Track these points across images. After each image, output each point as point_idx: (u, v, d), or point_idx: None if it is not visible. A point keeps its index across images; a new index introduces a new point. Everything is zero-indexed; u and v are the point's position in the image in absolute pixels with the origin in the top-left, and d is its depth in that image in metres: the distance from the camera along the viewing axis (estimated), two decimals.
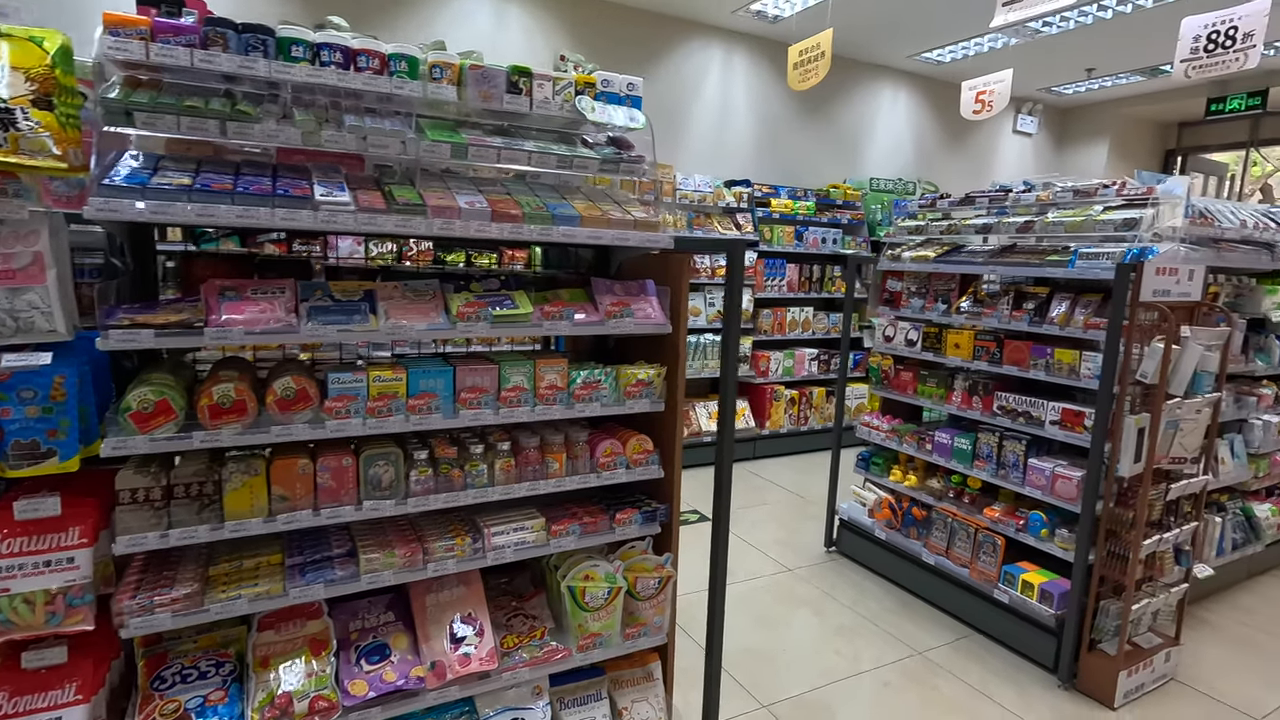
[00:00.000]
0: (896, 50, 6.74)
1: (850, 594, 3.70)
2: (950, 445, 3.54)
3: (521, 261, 4.54)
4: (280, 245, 4.21)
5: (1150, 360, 2.70)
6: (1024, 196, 3.51)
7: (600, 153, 2.03)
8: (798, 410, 6.25)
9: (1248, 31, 4.43)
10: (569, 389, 1.96)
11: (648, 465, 2.11)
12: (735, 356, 2.03)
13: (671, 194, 5.60)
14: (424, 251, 4.75)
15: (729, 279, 1.98)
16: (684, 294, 2.09)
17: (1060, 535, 3.06)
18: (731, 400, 2.08)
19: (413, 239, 4.79)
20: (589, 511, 2.11)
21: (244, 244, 4.22)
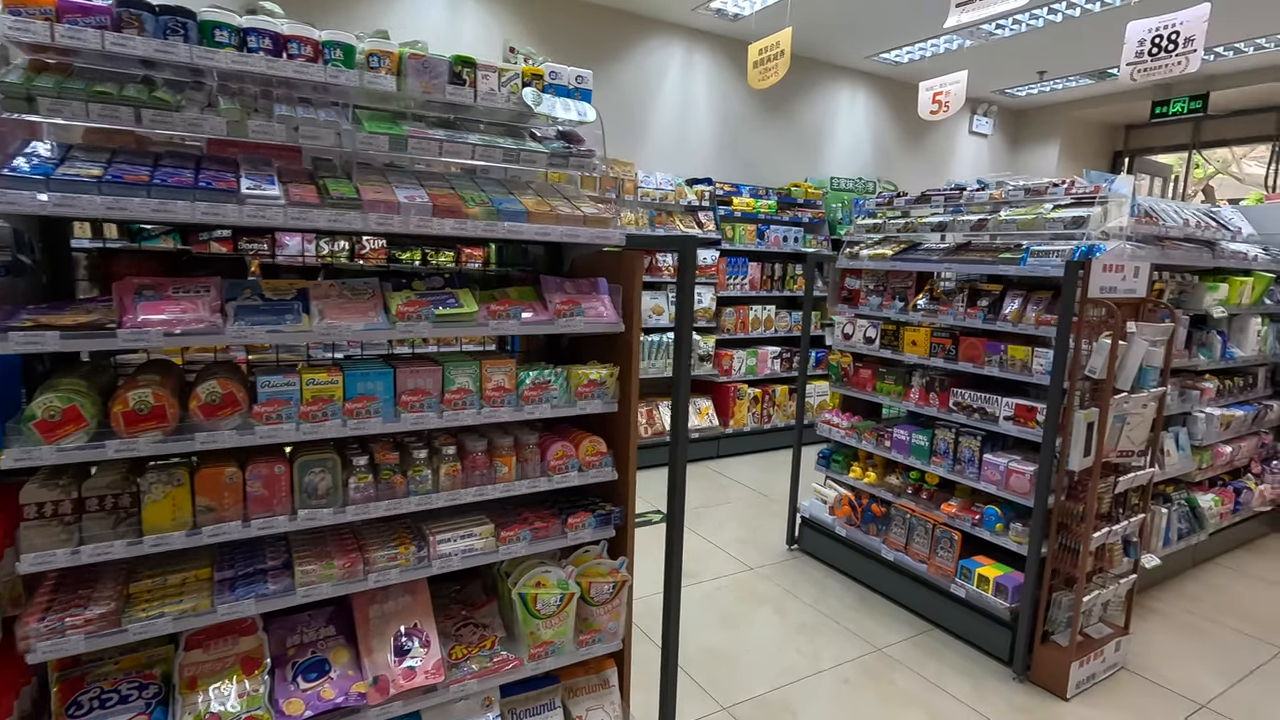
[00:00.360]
0: (855, 50, 6.80)
1: (812, 592, 3.71)
2: (908, 442, 3.57)
3: (479, 260, 4.45)
4: (226, 243, 4.06)
5: (1098, 356, 2.74)
6: (978, 195, 3.55)
7: (549, 146, 1.98)
8: (761, 408, 6.26)
9: (1189, 36, 4.56)
10: (518, 390, 1.89)
11: (601, 467, 2.06)
12: (688, 355, 1.99)
13: (633, 191, 5.56)
14: (377, 249, 4.62)
15: (681, 276, 1.94)
16: (637, 292, 2.05)
17: (1015, 529, 3.10)
18: (684, 401, 2.04)
19: (366, 236, 4.67)
20: (540, 516, 2.05)
21: (185, 241, 4.05)
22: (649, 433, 5.68)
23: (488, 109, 1.95)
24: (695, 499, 5.05)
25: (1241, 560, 4.34)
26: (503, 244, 2.92)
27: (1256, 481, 4.52)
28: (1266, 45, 6.07)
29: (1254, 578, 4.10)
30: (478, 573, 2.23)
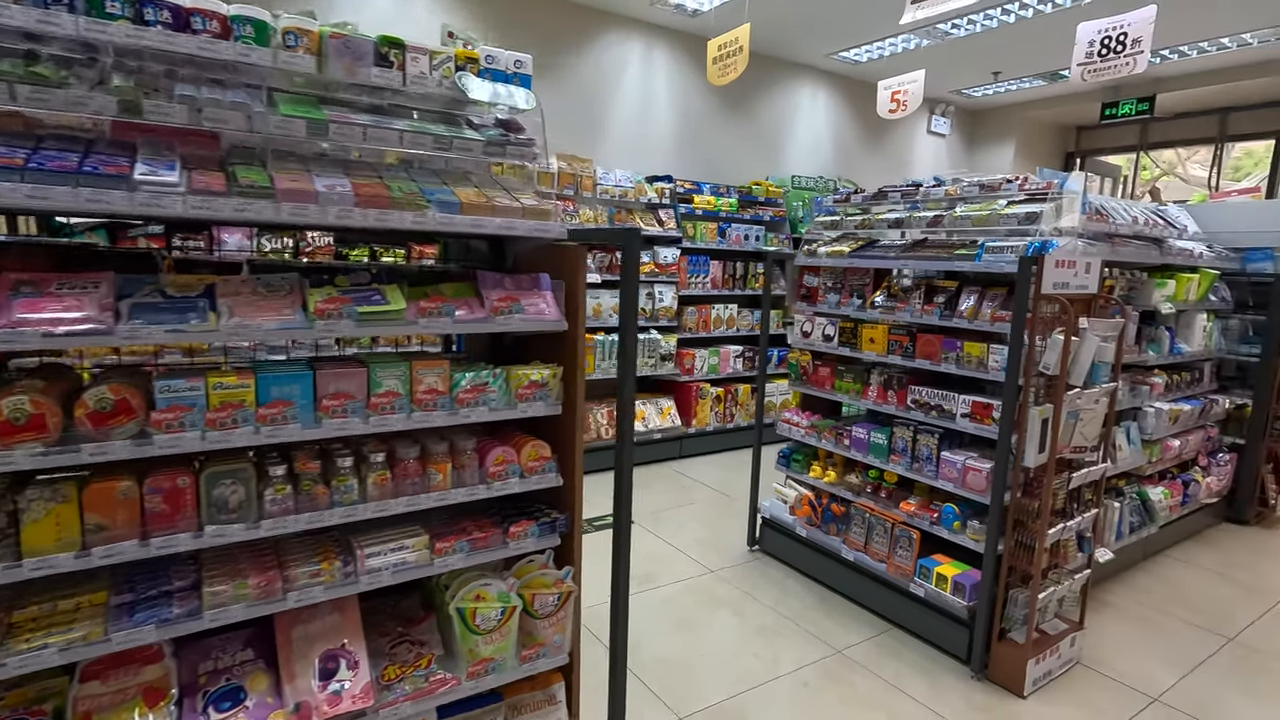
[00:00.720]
0: (815, 49, 6.80)
1: (772, 593, 3.65)
2: (867, 440, 3.54)
3: (432, 257, 4.28)
4: (157, 240, 3.83)
5: (1052, 352, 2.73)
6: (934, 191, 3.54)
7: (485, 134, 1.87)
8: (723, 408, 6.21)
9: (1136, 37, 4.64)
10: (452, 393, 1.78)
11: (544, 473, 1.96)
12: (633, 355, 1.90)
13: (591, 188, 5.45)
14: (323, 247, 4.43)
15: (625, 271, 1.85)
16: (581, 288, 1.95)
17: (972, 527, 3.08)
18: (629, 402, 1.95)
19: (313, 233, 4.48)
20: (480, 525, 1.94)
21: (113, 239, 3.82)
22: (610, 434, 5.58)
23: (420, 94, 1.84)
24: (657, 501, 4.98)
25: (1190, 551, 4.43)
26: (450, 240, 2.80)
27: (1203, 474, 4.62)
28: (1209, 49, 6.24)
29: (1202, 568, 4.18)
30: (416, 586, 2.11)
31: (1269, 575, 4.13)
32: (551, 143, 5.84)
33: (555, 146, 5.73)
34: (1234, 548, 4.54)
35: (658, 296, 5.85)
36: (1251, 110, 7.70)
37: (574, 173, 5.37)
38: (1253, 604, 3.75)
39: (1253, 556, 4.41)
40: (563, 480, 2.01)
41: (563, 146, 5.77)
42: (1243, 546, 4.57)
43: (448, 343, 2.50)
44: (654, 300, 5.84)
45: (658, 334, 5.82)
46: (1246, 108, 7.72)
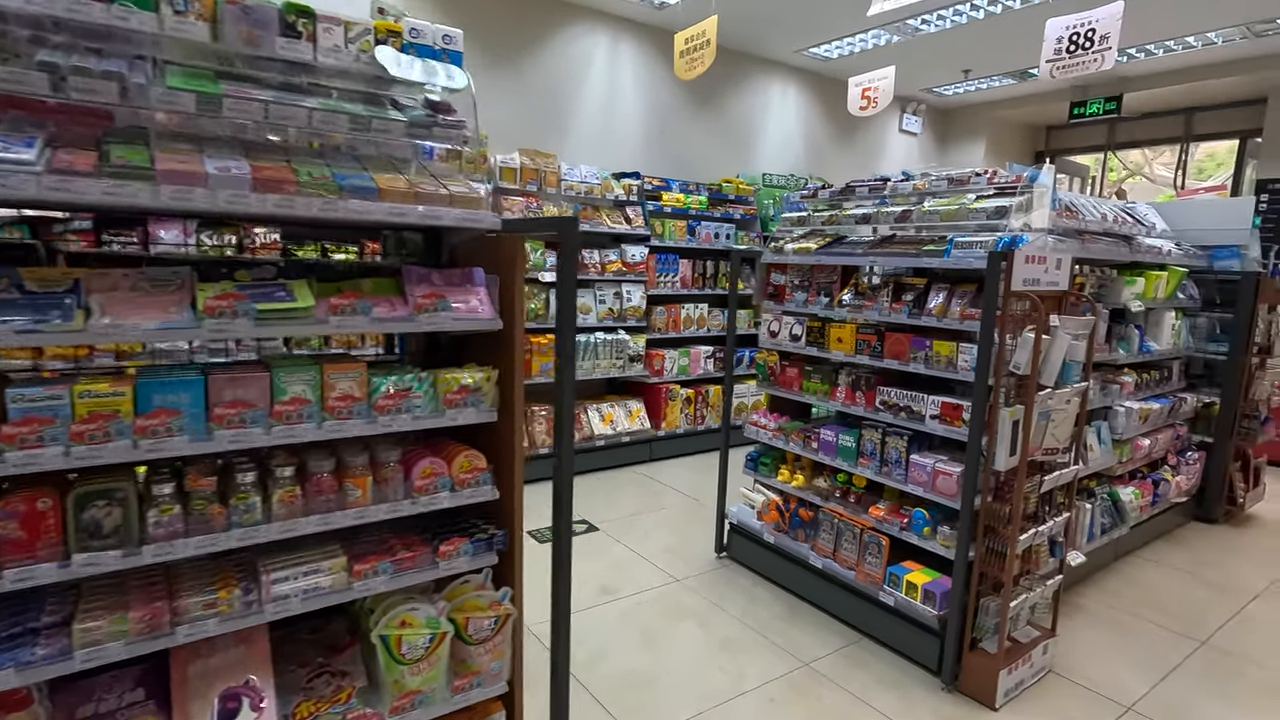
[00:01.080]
0: (784, 45, 6.71)
1: (739, 603, 3.52)
2: (835, 443, 3.42)
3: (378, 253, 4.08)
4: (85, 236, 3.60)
5: (1022, 351, 2.63)
6: (901, 185, 3.43)
7: (409, 115, 1.70)
8: (694, 409, 6.08)
9: (1104, 34, 4.59)
10: (370, 400, 1.61)
11: (479, 486, 1.80)
12: (571, 357, 1.74)
13: (556, 184, 5.28)
14: (269, 244, 4.21)
15: (561, 265, 1.69)
16: (517, 283, 1.79)
17: (942, 533, 2.97)
18: (568, 408, 1.79)
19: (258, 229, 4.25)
20: (407, 543, 1.77)
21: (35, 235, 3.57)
22: (577, 438, 5.41)
23: (338, 70, 1.66)
24: (625, 506, 4.82)
25: (1161, 551, 4.39)
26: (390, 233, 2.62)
27: (1173, 473, 4.59)
28: (1175, 48, 6.25)
29: (1172, 569, 4.13)
30: (343, 609, 1.93)
31: (1238, 574, 4.09)
32: (515, 137, 5.68)
33: (518, 141, 5.55)
34: (1203, 546, 4.51)
35: (625, 296, 5.70)
36: (1216, 110, 7.77)
37: (537, 168, 5.20)
38: (1223, 605, 3.70)
39: (1222, 555, 4.38)
40: (500, 493, 1.84)
41: (526, 141, 5.60)
42: (1212, 545, 4.54)
43: (389, 345, 2.33)
44: (622, 300, 5.69)
45: (626, 334, 5.67)
46: (1211, 108, 7.79)
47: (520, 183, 5.12)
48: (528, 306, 5.19)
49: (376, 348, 2.41)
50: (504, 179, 5.04)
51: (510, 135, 5.55)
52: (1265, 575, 4.09)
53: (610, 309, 5.65)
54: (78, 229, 3.71)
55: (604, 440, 5.53)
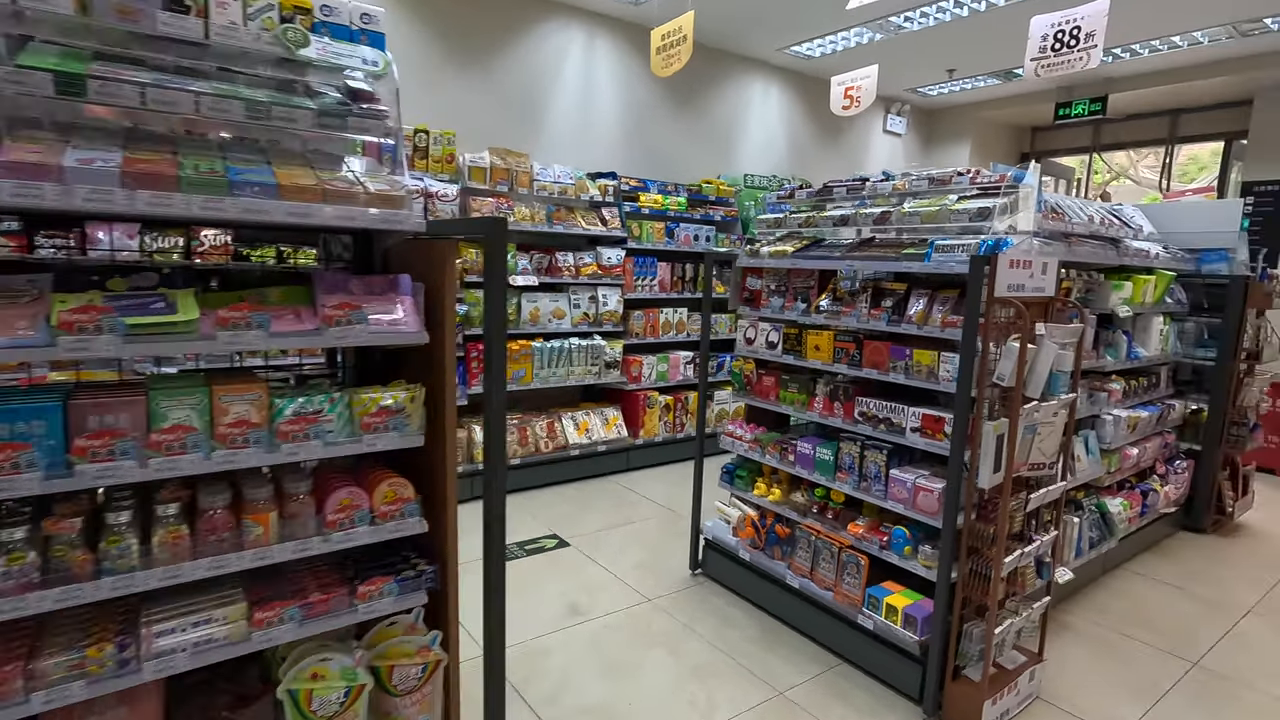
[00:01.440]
0: (765, 43, 6.55)
1: (712, 625, 3.34)
2: (812, 456, 3.25)
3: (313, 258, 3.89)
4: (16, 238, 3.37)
5: (1006, 361, 2.47)
6: (881, 186, 3.27)
7: (320, 102, 1.51)
8: (673, 417, 5.90)
9: (1089, 31, 4.47)
10: (271, 425, 1.42)
11: (404, 518, 1.61)
12: (501, 367, 1.56)
13: (528, 184, 5.09)
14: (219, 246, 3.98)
15: (488, 269, 1.51)
16: (448, 291, 1.60)
17: (923, 552, 2.81)
18: (499, 424, 1.60)
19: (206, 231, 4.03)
20: (323, 583, 1.57)
21: None
22: (550, 447, 5.22)
23: (237, 50, 1.47)
24: (598, 519, 4.63)
25: (1149, 564, 4.26)
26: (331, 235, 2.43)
27: (1161, 482, 4.46)
28: (1160, 48, 6.16)
29: (1161, 583, 4.00)
30: (255, 655, 1.73)
31: (1228, 588, 3.97)
32: (486, 136, 5.48)
33: (490, 140, 5.36)
34: (1192, 558, 4.39)
35: (601, 300, 5.52)
36: (1201, 112, 7.70)
37: (508, 168, 5.01)
38: (1214, 622, 3.57)
39: (1211, 566, 4.26)
40: (429, 525, 1.65)
41: (498, 140, 5.40)
42: (1201, 556, 4.42)
43: (331, 361, 2.14)
44: (597, 304, 5.51)
45: (602, 340, 5.49)
46: (1196, 109, 7.72)
47: (490, 183, 4.93)
48: None
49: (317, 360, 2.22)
50: (473, 179, 4.85)
51: (481, 134, 5.36)
52: (1256, 589, 3.97)
53: (585, 313, 5.46)
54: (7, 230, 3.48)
55: (578, 450, 5.34)
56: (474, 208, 4.86)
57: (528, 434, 5.13)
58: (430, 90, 5.12)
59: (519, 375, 5.06)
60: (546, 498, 5.00)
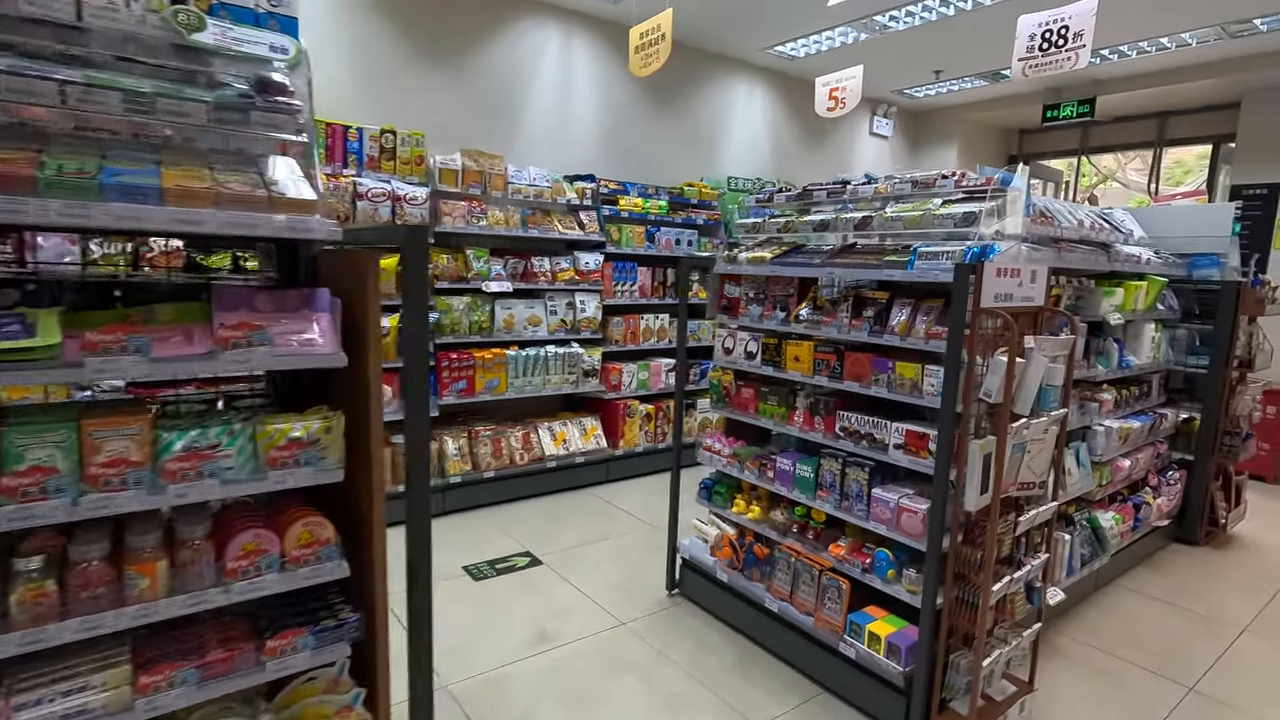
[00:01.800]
0: (748, 42, 6.41)
1: (688, 650, 3.17)
2: (792, 472, 3.09)
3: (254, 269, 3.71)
4: None
5: (994, 376, 2.32)
6: (863, 189, 3.12)
7: (219, 96, 1.33)
8: (654, 426, 5.73)
9: (1078, 31, 4.35)
10: (156, 463, 1.24)
11: (321, 562, 1.43)
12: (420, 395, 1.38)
13: (502, 187, 4.92)
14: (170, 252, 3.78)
15: (407, 282, 1.33)
16: (370, 306, 1.43)
17: (908, 577, 2.65)
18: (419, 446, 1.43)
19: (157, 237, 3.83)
20: (226, 638, 1.39)
21: None
22: (526, 459, 5.04)
23: (122, 35, 1.29)
24: (574, 534, 4.46)
25: (1142, 579, 4.12)
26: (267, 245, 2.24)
27: (1154, 494, 4.33)
28: (1149, 49, 6.06)
29: (1154, 599, 3.87)
30: None
31: (1223, 603, 3.84)
32: (458, 136, 5.30)
33: (463, 141, 5.18)
34: (1185, 572, 4.26)
35: (579, 306, 5.35)
36: (1189, 115, 7.63)
37: (481, 170, 4.83)
38: (1210, 641, 3.44)
39: (1205, 580, 4.13)
40: (353, 568, 1.48)
41: (471, 141, 5.22)
42: (1194, 570, 4.30)
43: (284, 386, 1.95)
44: (575, 310, 5.33)
45: (579, 347, 5.31)
46: (1184, 112, 7.64)
47: (462, 185, 4.75)
48: (471, 318, 4.81)
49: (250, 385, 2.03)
50: (444, 181, 4.67)
51: (453, 134, 5.18)
52: (1251, 604, 3.84)
53: (562, 320, 5.29)
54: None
55: (555, 461, 5.16)
56: (445, 211, 4.68)
57: (502, 446, 4.94)
58: (398, 89, 4.94)
59: (493, 385, 4.88)
60: (521, 512, 4.82)
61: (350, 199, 4.20)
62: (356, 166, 4.33)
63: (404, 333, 1.35)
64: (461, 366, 4.74)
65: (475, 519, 4.66)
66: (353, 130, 4.30)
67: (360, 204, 4.23)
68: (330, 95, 4.61)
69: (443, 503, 4.67)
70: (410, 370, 1.35)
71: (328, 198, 4.11)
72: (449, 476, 4.68)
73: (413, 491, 1.39)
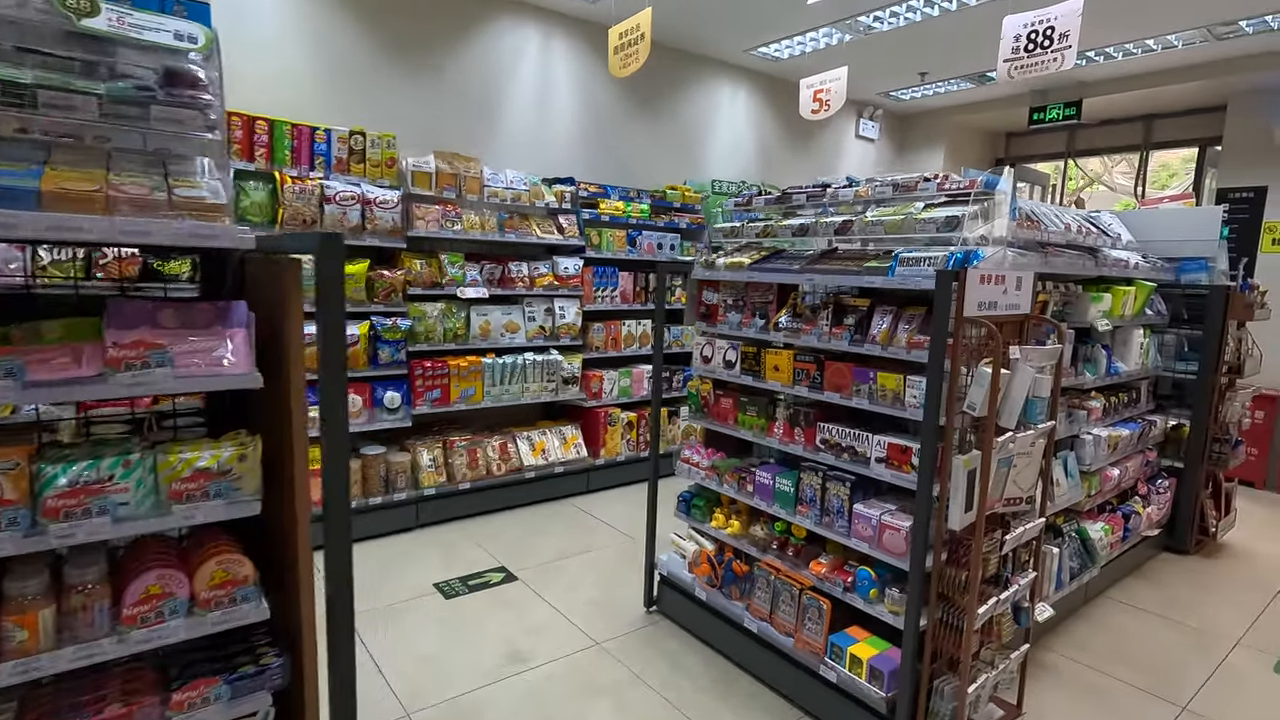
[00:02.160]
0: (731, 43, 6.31)
1: (664, 672, 3.04)
2: (772, 486, 2.97)
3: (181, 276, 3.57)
4: None
5: (978, 388, 2.21)
6: (843, 192, 3.01)
7: (112, 88, 1.20)
8: (636, 435, 5.61)
9: (1063, 32, 4.27)
10: (35, 501, 1.10)
11: (235, 605, 1.29)
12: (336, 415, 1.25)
13: (478, 190, 4.78)
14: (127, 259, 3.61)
15: (320, 293, 1.20)
16: (291, 320, 1.30)
17: (890, 597, 2.54)
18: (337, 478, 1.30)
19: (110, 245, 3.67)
20: (130, 689, 1.25)
21: None
22: (503, 469, 4.90)
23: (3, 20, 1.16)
24: (551, 548, 4.32)
25: (1132, 590, 4.03)
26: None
27: (1143, 504, 4.25)
28: (1134, 51, 6.01)
29: (1145, 611, 3.77)
30: None
31: (1214, 615, 3.75)
32: (433, 138, 5.16)
33: (439, 143, 5.04)
34: (1176, 582, 4.17)
35: (559, 312, 5.22)
36: (1175, 118, 7.59)
37: (456, 172, 4.69)
38: (1202, 656, 3.34)
39: (1195, 592, 4.05)
40: (275, 608, 1.34)
41: (448, 144, 5.09)
42: (1185, 580, 4.21)
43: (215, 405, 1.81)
44: (554, 317, 5.20)
45: (559, 354, 5.18)
46: (1170, 115, 7.60)
47: (436, 188, 4.61)
48: (446, 326, 4.67)
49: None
50: (417, 184, 4.53)
51: (429, 136, 5.04)
52: (1243, 616, 3.76)
53: (541, 327, 5.16)
54: None
55: (534, 472, 5.02)
56: (418, 215, 4.54)
57: (478, 456, 4.80)
58: (368, 88, 4.79)
59: (468, 393, 4.74)
60: (498, 524, 4.68)
61: (317, 203, 4.06)
62: (324, 169, 4.19)
63: (320, 348, 1.21)
64: (436, 375, 4.60)
65: (450, 532, 4.52)
66: (320, 131, 4.16)
67: (328, 208, 4.09)
68: (294, 94, 4.47)
69: (416, 516, 4.52)
70: (327, 389, 1.22)
71: (293, 201, 3.96)
72: (423, 489, 4.53)
73: (331, 520, 1.26)
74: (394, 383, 4.46)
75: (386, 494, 4.39)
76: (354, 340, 4.20)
